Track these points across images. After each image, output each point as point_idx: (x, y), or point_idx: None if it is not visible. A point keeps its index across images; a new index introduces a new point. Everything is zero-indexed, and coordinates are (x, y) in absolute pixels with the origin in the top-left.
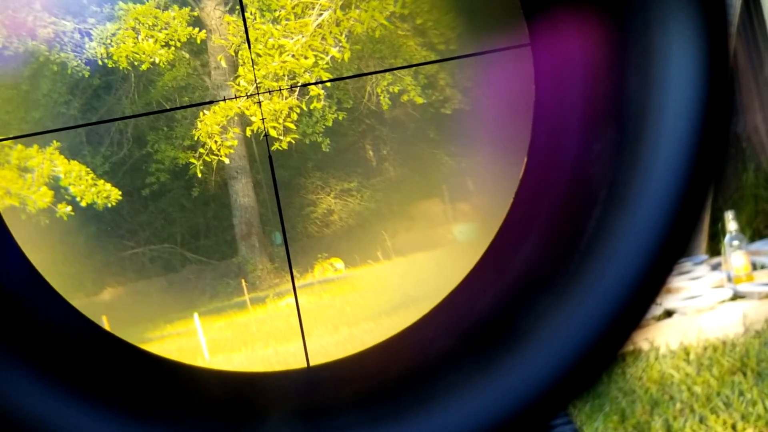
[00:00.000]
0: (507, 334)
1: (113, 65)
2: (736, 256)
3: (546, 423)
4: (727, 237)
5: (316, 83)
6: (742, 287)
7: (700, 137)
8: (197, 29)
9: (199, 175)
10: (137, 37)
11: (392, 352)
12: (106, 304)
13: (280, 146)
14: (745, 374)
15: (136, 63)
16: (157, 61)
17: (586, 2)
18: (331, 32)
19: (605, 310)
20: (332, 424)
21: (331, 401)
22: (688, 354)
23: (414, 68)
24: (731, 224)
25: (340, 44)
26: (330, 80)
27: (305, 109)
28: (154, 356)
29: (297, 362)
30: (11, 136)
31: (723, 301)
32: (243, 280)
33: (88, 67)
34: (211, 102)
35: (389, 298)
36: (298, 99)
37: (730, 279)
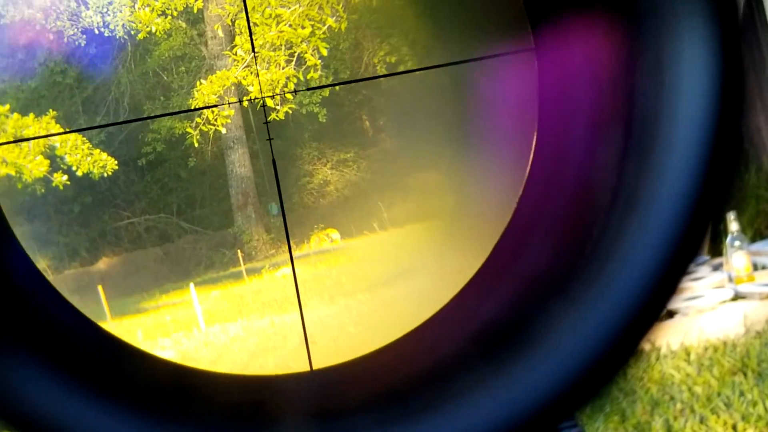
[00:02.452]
0: (517, 338)
1: (109, 34)
2: (738, 257)
3: (557, 426)
4: (729, 238)
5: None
6: (743, 288)
7: (712, 141)
8: None
9: (196, 145)
10: (134, 6)
11: (401, 354)
12: (102, 274)
13: (277, 116)
14: (745, 375)
15: (132, 32)
16: (153, 30)
17: (595, 6)
18: (328, 1)
19: (616, 315)
20: (342, 427)
21: (340, 404)
22: (688, 354)
23: (411, 38)
24: (733, 225)
25: (338, 14)
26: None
27: (302, 79)
28: (159, 359)
29: (292, 332)
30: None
31: (724, 302)
32: (239, 251)
33: (85, 36)
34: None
35: (385, 269)
36: (295, 69)
37: (731, 279)
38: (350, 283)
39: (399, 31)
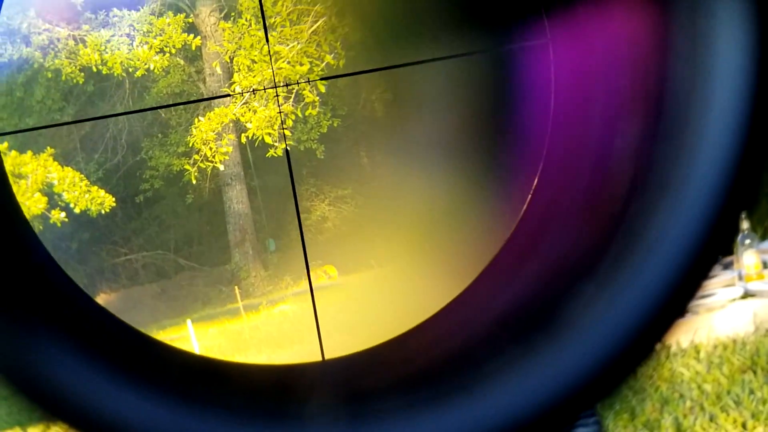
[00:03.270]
0: (547, 320)
1: (108, 72)
2: (748, 255)
3: (586, 411)
4: (739, 236)
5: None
6: (753, 286)
7: (747, 125)
8: (192, 36)
9: (194, 181)
10: (132, 44)
11: (430, 335)
12: None
13: (275, 153)
14: (755, 372)
15: (130, 70)
16: (151, 67)
17: None
18: (326, 39)
19: (647, 299)
20: (373, 409)
21: (372, 385)
22: (698, 352)
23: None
24: (743, 223)
25: (336, 50)
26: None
27: (300, 115)
28: (181, 350)
29: None
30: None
31: (734, 300)
32: (236, 287)
33: (83, 74)
34: (224, 95)
35: (383, 306)
36: (293, 105)
37: (741, 277)
38: (346, 320)
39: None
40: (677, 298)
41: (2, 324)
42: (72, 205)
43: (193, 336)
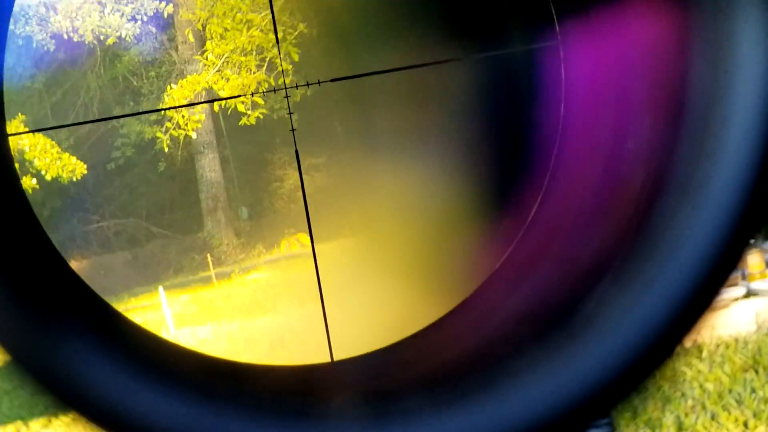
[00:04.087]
0: (568, 320)
1: (79, 39)
2: (751, 255)
3: (608, 412)
4: None
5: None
6: (756, 285)
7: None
8: (164, 3)
9: (166, 149)
10: (103, 11)
11: (450, 332)
12: None
13: (248, 121)
14: (757, 372)
15: (102, 37)
16: (123, 35)
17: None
18: (299, 6)
19: (668, 300)
20: (397, 407)
21: (394, 385)
22: (700, 351)
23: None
24: None
25: (309, 18)
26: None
27: (273, 84)
28: (200, 353)
29: (262, 335)
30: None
31: (736, 299)
32: (208, 255)
33: (54, 41)
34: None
35: (356, 274)
36: (266, 74)
37: (743, 277)
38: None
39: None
40: (698, 299)
41: (21, 315)
42: (43, 173)
43: (165, 303)
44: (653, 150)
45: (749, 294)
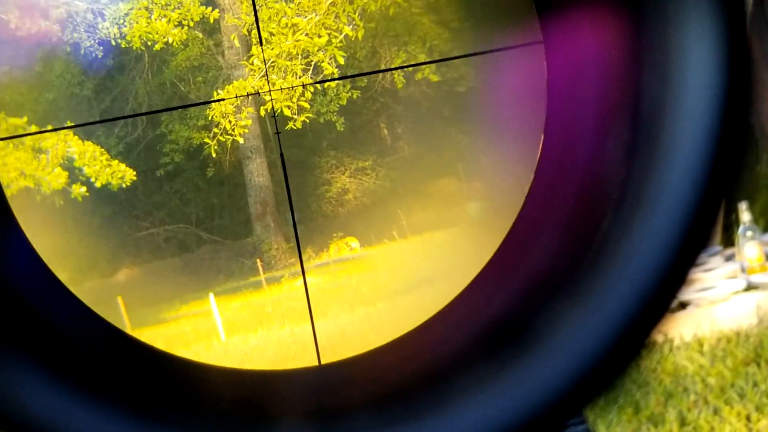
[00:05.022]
0: (521, 337)
1: (126, 45)
2: (750, 247)
3: (561, 426)
4: (741, 228)
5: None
6: (756, 278)
7: (718, 135)
8: (210, 8)
9: (214, 155)
10: (150, 17)
11: (405, 351)
12: (122, 285)
13: (294, 125)
14: (759, 365)
15: (149, 43)
16: (170, 40)
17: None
18: (344, 10)
19: (622, 312)
20: (345, 425)
21: (343, 401)
22: (701, 345)
23: (428, 46)
24: (745, 215)
25: (354, 22)
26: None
27: (319, 87)
28: (164, 353)
29: (312, 341)
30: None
31: (737, 292)
32: (258, 260)
33: (101, 48)
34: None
35: (405, 277)
36: (311, 78)
37: (743, 270)
38: (370, 292)
39: (416, 38)
40: (653, 308)
41: None
42: (93, 180)
43: (216, 310)
44: (619, 162)
45: (749, 287)
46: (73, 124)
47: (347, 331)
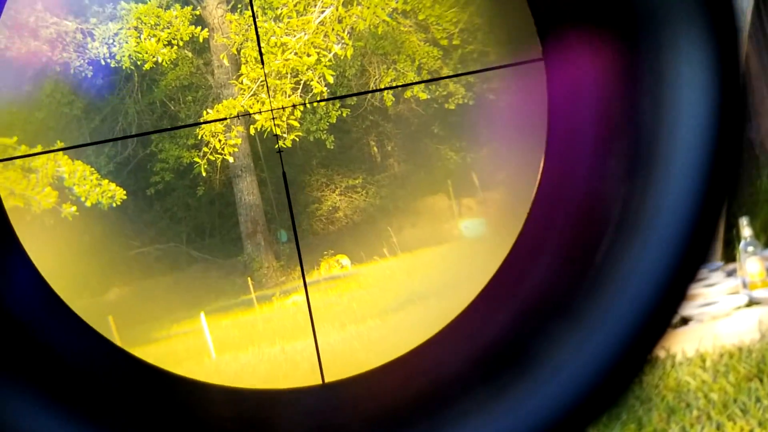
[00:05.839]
0: (521, 359)
1: (116, 65)
2: (751, 262)
3: None
4: (742, 243)
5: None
6: (758, 293)
7: (713, 154)
8: (199, 28)
9: (204, 174)
10: (140, 37)
11: (406, 372)
12: (112, 304)
13: (284, 144)
14: (761, 380)
15: (138, 62)
16: (159, 60)
17: (597, 23)
18: (333, 29)
19: (621, 333)
20: None
21: (343, 422)
22: (704, 361)
23: (417, 64)
24: (746, 230)
25: (343, 41)
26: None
27: (309, 106)
28: (164, 371)
29: (303, 359)
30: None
31: (738, 308)
32: (249, 278)
33: (91, 67)
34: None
35: (396, 295)
36: (301, 96)
37: (745, 285)
38: (361, 309)
39: (405, 56)
40: (647, 334)
41: None
42: (83, 199)
43: (206, 328)
44: (616, 186)
45: (751, 302)
46: (63, 143)
47: (338, 350)
